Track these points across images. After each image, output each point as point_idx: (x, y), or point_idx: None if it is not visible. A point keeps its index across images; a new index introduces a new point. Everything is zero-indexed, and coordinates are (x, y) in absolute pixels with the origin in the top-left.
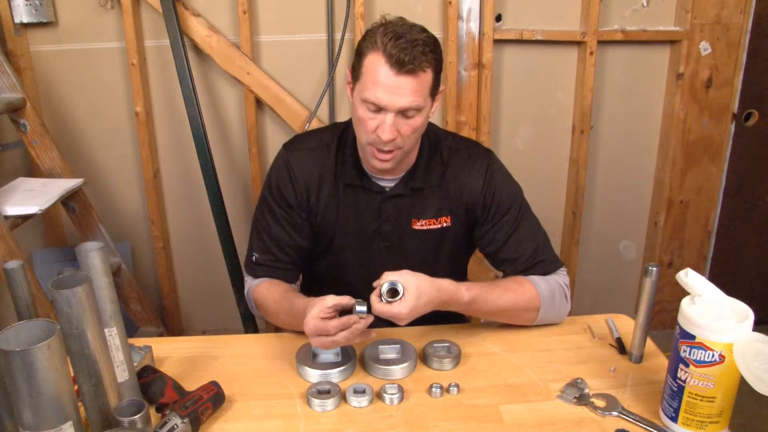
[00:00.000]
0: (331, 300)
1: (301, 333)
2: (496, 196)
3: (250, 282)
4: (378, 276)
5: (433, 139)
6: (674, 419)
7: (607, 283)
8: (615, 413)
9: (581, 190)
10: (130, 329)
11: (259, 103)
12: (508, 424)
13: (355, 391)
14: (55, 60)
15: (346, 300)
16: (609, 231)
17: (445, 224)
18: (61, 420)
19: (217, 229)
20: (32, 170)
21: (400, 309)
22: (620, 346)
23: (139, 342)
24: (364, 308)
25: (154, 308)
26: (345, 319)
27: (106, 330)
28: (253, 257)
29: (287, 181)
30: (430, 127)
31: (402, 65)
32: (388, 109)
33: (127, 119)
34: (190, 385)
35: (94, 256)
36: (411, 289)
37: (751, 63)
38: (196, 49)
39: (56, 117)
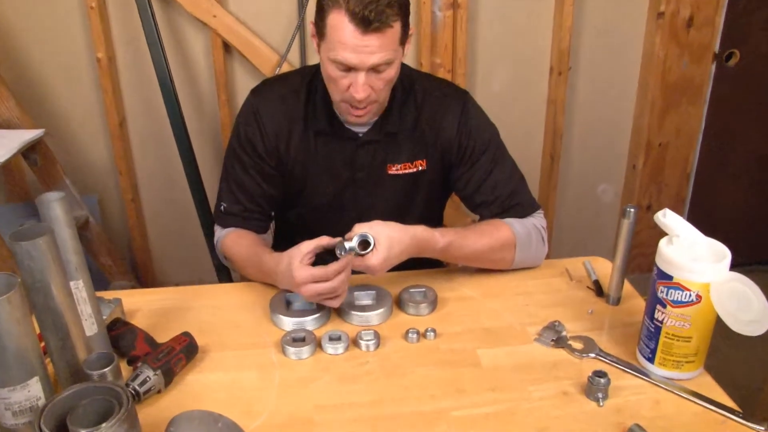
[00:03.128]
0: (307, 246)
1: (272, 285)
2: (472, 137)
3: (219, 232)
4: (351, 224)
5: (406, 82)
6: (651, 360)
7: (585, 227)
8: (592, 355)
9: (559, 133)
10: (102, 284)
11: (227, 47)
12: (485, 367)
13: (331, 338)
14: (7, 3)
15: (326, 241)
16: (587, 174)
17: (420, 168)
18: (27, 375)
19: (188, 178)
20: None
21: (372, 261)
22: (598, 289)
23: (109, 295)
24: (354, 244)
25: (125, 262)
26: (344, 261)
27: (71, 283)
28: (222, 207)
29: (255, 130)
30: (403, 68)
31: (368, 24)
32: (359, 68)
33: (88, 66)
34: (163, 337)
35: (55, 206)
36: (382, 240)
37: (734, 1)
38: None
39: (11, 65)
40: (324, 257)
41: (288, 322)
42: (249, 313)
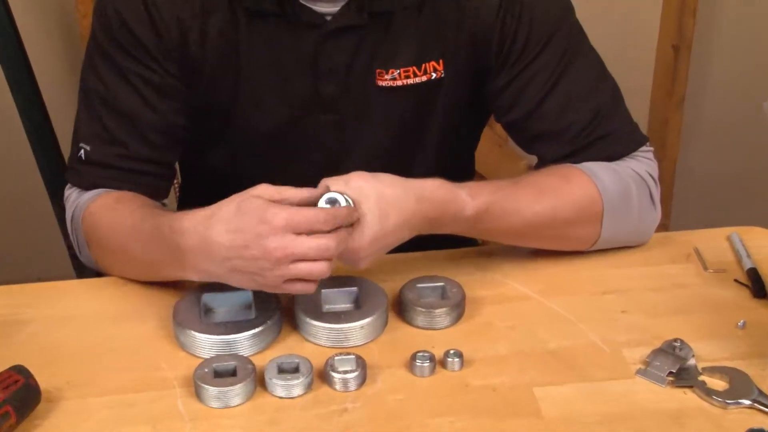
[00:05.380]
0: (268, 189)
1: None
2: (524, 20)
3: (76, 197)
4: (316, 176)
5: None
6: None
7: (734, 175)
8: (746, 402)
9: (690, 5)
10: None
11: None
12: (548, 418)
13: (282, 370)
14: None
15: (295, 194)
16: (740, 80)
17: (434, 75)
18: None
19: (16, 100)
20: None
21: (352, 242)
22: (756, 285)
23: None
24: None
25: None
26: (347, 210)
27: None
28: (82, 152)
29: (141, 12)
30: None
31: None
32: None
33: None
34: None
35: None
36: (369, 205)
37: None
38: None
39: None
40: None
41: (206, 343)
42: (135, 327)
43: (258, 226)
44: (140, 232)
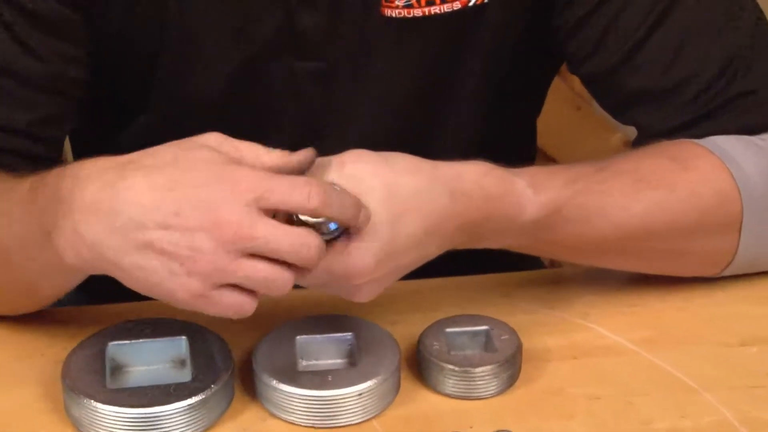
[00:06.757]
0: (226, 144)
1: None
2: None
3: None
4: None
5: None
6: None
7: None
8: None
9: None
10: None
11: None
12: None
13: None
14: None
15: (276, 159)
16: None
17: (471, 1)
18: None
19: None
20: None
21: (346, 259)
22: None
23: None
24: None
25: None
26: (347, 198)
27: None
28: None
29: None
30: None
31: None
32: None
33: None
34: None
35: None
36: (374, 203)
37: None
38: None
39: None
40: None
41: (115, 419)
42: (3, 395)
43: (207, 186)
44: (6, 206)
